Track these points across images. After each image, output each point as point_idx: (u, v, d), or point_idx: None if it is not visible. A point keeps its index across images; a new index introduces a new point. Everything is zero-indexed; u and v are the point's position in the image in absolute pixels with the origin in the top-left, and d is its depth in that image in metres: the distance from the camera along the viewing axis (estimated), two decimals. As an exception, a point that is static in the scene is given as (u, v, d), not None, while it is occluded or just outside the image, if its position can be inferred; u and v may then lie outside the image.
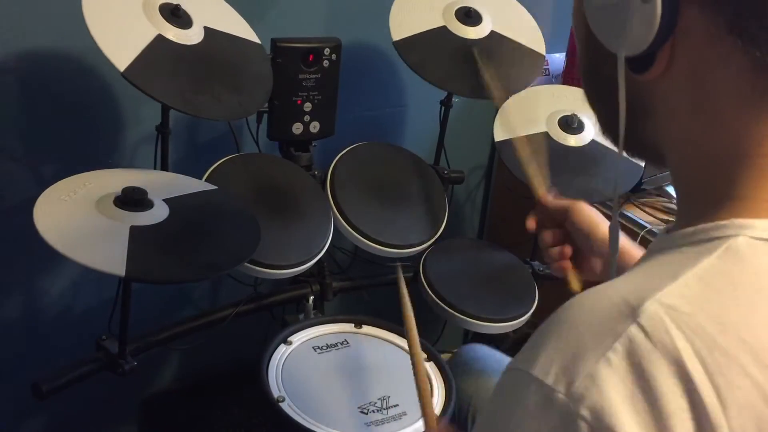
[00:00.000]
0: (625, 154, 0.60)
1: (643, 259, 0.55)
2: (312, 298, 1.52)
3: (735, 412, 0.44)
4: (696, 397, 0.44)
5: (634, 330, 0.45)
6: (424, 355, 1.25)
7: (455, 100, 1.66)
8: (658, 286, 0.47)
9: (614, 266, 0.62)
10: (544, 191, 1.07)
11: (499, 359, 1.41)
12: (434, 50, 1.55)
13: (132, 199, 1.14)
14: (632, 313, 0.46)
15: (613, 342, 0.45)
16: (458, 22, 1.57)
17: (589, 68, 0.61)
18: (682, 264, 0.48)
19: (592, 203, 1.02)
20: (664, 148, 0.57)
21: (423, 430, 1.14)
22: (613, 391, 0.44)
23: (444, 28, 1.56)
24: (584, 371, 0.45)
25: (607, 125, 0.61)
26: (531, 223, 1.07)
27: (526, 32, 1.63)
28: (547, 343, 0.48)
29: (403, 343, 1.35)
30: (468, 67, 1.55)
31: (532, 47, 1.62)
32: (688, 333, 0.45)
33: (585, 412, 0.44)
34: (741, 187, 0.51)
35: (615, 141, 0.59)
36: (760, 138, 0.50)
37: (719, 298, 0.47)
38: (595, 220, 0.99)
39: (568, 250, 1.02)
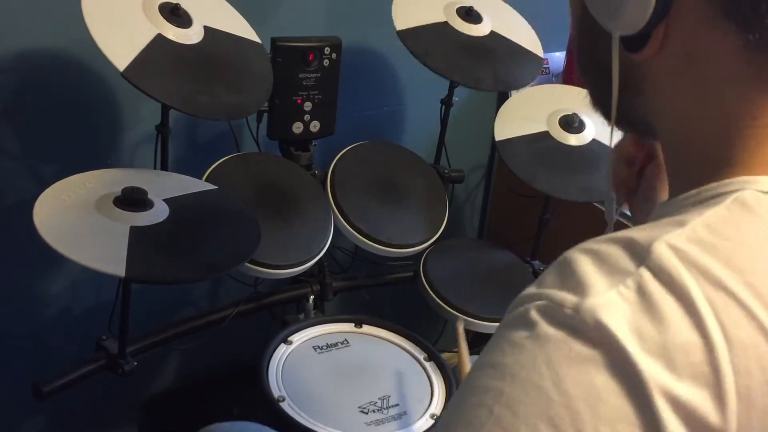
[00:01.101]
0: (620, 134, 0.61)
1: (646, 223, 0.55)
2: (312, 297, 1.52)
3: (740, 351, 0.44)
4: (705, 332, 0.44)
5: (643, 270, 0.46)
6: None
7: (456, 98, 1.66)
8: (666, 231, 0.48)
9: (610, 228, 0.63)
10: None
11: None
12: (438, 42, 1.54)
13: (132, 199, 1.14)
14: (642, 252, 0.47)
15: (625, 278, 0.46)
16: (460, 19, 1.57)
17: (582, 44, 0.61)
18: (690, 215, 0.49)
19: (593, 202, 1.01)
20: (654, 122, 0.58)
21: (424, 430, 1.13)
22: (621, 318, 0.45)
23: (446, 23, 1.56)
24: (593, 295, 0.46)
25: (598, 99, 0.62)
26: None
27: (524, 36, 1.63)
28: (548, 276, 0.50)
29: (403, 342, 1.35)
30: (472, 60, 1.54)
31: (531, 49, 1.62)
32: (695, 273, 0.46)
33: (591, 322, 0.45)
34: (739, 154, 0.52)
35: (604, 114, 0.61)
36: (755, 112, 0.51)
37: (726, 244, 0.47)
38: None
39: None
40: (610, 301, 0.45)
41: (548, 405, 0.44)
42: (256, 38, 1.40)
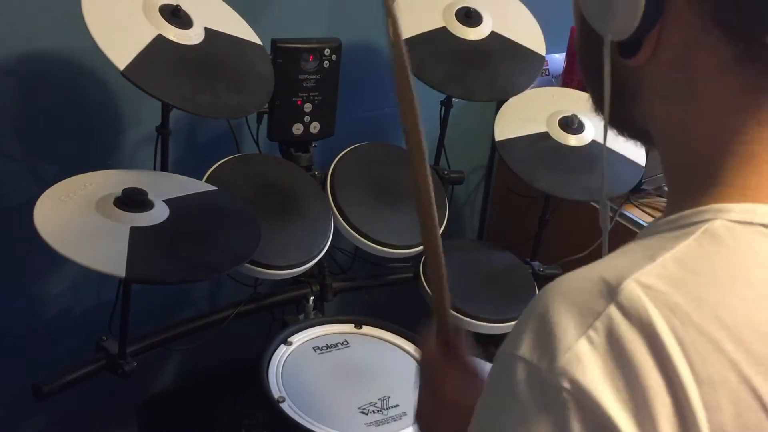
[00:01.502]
0: (621, 139, 0.61)
1: (627, 244, 0.56)
2: (312, 298, 1.52)
3: (709, 387, 0.44)
4: (671, 372, 0.44)
5: (612, 309, 0.46)
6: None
7: (455, 100, 1.66)
8: (637, 267, 0.48)
9: (606, 245, 0.62)
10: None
11: None
12: (434, 52, 1.54)
13: (132, 200, 1.14)
14: (611, 292, 0.47)
15: (594, 320, 0.46)
16: (458, 23, 1.57)
17: (582, 49, 0.61)
18: (661, 247, 0.49)
19: (592, 202, 1.01)
20: (650, 129, 0.58)
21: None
22: (594, 367, 0.45)
23: (444, 29, 1.56)
24: (565, 348, 0.46)
25: (598, 104, 0.62)
26: None
27: (527, 32, 1.63)
28: (529, 325, 0.49)
29: (403, 343, 1.35)
30: (467, 69, 1.55)
31: (532, 48, 1.62)
32: (664, 311, 0.46)
33: (567, 386, 0.45)
34: (722, 173, 0.52)
35: (606, 120, 0.61)
36: (741, 126, 0.51)
37: (696, 278, 0.47)
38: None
39: None
40: (581, 354, 0.46)
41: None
42: (256, 40, 1.40)
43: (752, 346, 0.45)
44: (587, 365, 0.45)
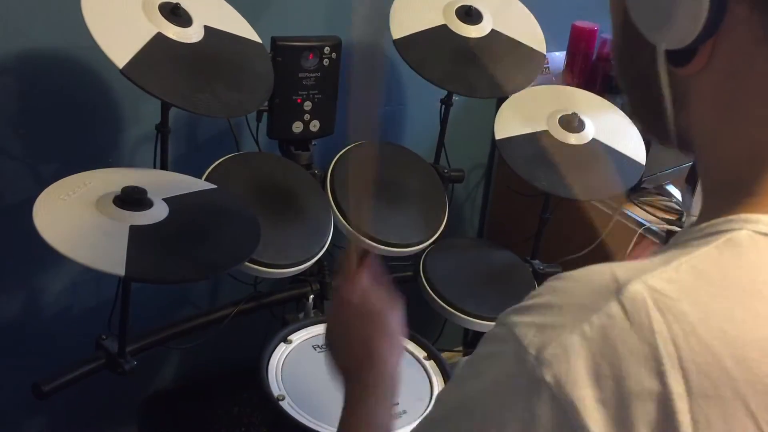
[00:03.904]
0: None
1: (660, 249, 0.55)
2: (312, 296, 1.52)
3: (701, 401, 0.44)
4: (662, 381, 0.44)
5: (614, 306, 0.46)
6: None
7: (455, 98, 1.66)
8: (649, 268, 0.47)
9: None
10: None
11: None
12: (434, 49, 1.54)
13: (132, 199, 1.14)
14: (617, 290, 0.46)
15: (592, 315, 0.46)
16: (459, 21, 1.56)
17: (623, 55, 0.59)
18: (680, 252, 0.49)
19: (593, 201, 1.00)
20: (693, 138, 0.56)
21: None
22: (581, 362, 0.45)
23: (444, 26, 1.56)
24: (557, 339, 0.46)
25: (638, 111, 0.61)
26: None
27: (527, 31, 1.63)
28: (535, 306, 0.50)
29: (403, 342, 1.35)
30: (468, 66, 1.55)
31: (533, 46, 1.61)
32: (668, 317, 0.45)
33: (549, 378, 0.45)
34: (758, 185, 0.51)
35: (644, 126, 0.60)
36: None
37: (708, 288, 0.46)
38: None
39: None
40: (571, 348, 0.45)
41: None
42: (256, 38, 1.40)
43: (754, 365, 0.44)
44: (573, 359, 0.45)
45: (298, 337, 1.33)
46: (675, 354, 0.44)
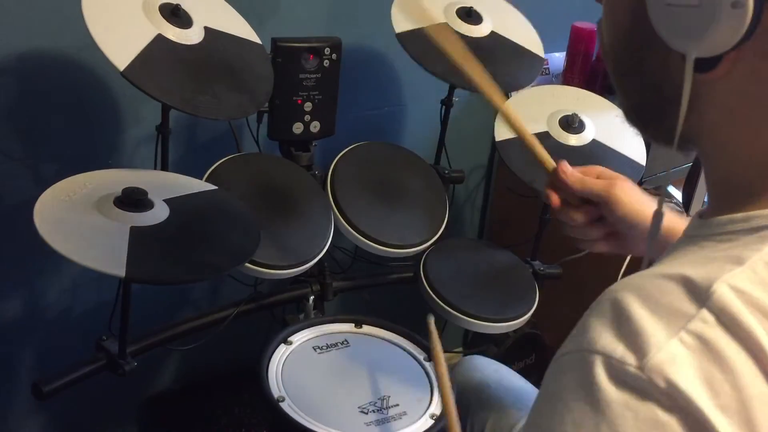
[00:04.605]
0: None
1: (683, 243, 0.54)
2: (312, 298, 1.52)
3: None
4: None
5: (705, 313, 0.44)
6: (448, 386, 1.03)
7: (456, 99, 1.66)
8: (724, 269, 0.46)
9: (650, 248, 0.60)
10: (561, 163, 0.88)
11: (497, 369, 1.40)
12: (435, 47, 1.54)
13: (132, 200, 1.14)
14: (701, 294, 0.45)
15: (686, 323, 0.44)
16: (460, 21, 1.57)
17: (625, 57, 0.59)
18: (745, 247, 0.48)
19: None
20: (700, 140, 0.56)
21: (424, 430, 1.13)
22: (691, 370, 0.43)
23: (446, 24, 1.56)
24: (657, 346, 0.44)
25: (636, 114, 0.60)
26: (554, 199, 0.90)
27: (525, 36, 1.63)
28: (602, 322, 0.47)
29: (404, 342, 1.35)
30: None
31: (531, 49, 1.62)
32: (760, 317, 0.44)
33: (662, 384, 0.43)
34: None
35: (641, 129, 0.59)
36: None
37: None
38: (640, 208, 0.85)
39: (601, 232, 0.87)
40: (675, 354, 0.43)
41: None
42: (256, 39, 1.40)
43: None
44: (682, 366, 0.43)
45: (299, 339, 1.33)
46: None
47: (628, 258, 1.62)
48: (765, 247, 0.47)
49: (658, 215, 0.60)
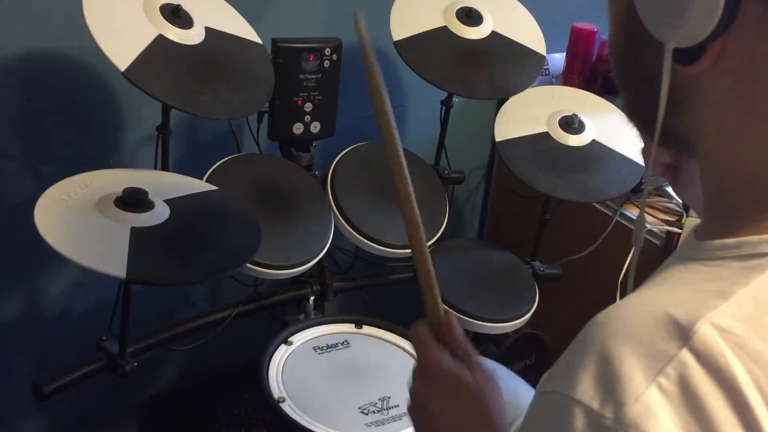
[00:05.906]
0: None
1: (675, 262, 0.52)
2: (312, 298, 1.52)
3: None
4: (755, 429, 0.42)
5: (686, 354, 0.43)
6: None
7: (456, 100, 1.66)
8: (708, 305, 0.44)
9: (635, 258, 0.59)
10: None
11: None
12: (435, 50, 1.55)
13: (133, 200, 1.14)
14: (683, 334, 0.43)
15: (665, 366, 0.43)
16: (459, 23, 1.57)
17: (624, 52, 0.57)
18: (732, 281, 0.46)
19: (593, 202, 0.99)
20: (696, 140, 0.54)
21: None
22: (668, 420, 0.42)
23: (445, 28, 1.56)
24: (634, 395, 0.43)
25: (634, 111, 0.58)
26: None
27: (527, 33, 1.63)
28: (584, 363, 0.46)
29: (404, 343, 1.35)
30: (468, 68, 1.55)
31: (533, 47, 1.62)
32: (745, 358, 0.43)
33: None
34: None
35: (639, 127, 0.57)
36: None
37: None
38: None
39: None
40: (652, 405, 0.42)
41: None
42: (257, 39, 1.40)
43: None
44: (659, 418, 0.42)
45: (299, 339, 1.33)
46: (759, 397, 0.42)
47: (628, 260, 1.62)
48: (752, 281, 0.46)
49: (640, 220, 0.59)
